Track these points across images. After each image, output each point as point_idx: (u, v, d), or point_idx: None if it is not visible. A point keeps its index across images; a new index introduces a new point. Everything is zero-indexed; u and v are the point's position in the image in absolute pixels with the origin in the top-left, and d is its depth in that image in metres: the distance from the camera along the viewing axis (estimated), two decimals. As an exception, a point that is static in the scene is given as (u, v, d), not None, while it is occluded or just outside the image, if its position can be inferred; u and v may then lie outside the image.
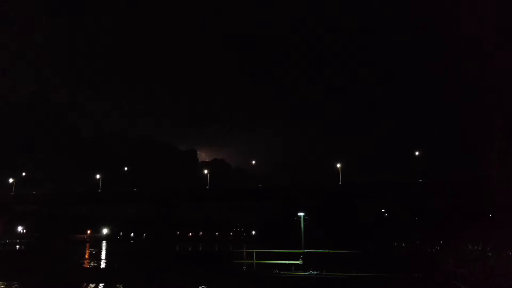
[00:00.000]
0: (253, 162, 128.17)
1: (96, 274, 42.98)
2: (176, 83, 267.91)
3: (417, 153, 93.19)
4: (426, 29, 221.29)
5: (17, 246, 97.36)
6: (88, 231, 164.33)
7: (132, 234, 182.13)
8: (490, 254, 31.02)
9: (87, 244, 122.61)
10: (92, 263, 56.64)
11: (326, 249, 38.65)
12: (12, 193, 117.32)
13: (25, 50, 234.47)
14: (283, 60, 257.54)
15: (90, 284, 37.82)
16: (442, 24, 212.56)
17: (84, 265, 52.98)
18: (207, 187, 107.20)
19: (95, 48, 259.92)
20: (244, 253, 42.91)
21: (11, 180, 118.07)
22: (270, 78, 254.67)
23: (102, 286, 37.56)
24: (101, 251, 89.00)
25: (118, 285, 37.55)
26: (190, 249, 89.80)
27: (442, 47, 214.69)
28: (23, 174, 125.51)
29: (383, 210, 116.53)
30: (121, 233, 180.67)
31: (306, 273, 34.59)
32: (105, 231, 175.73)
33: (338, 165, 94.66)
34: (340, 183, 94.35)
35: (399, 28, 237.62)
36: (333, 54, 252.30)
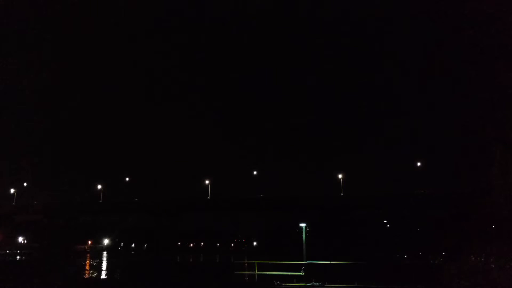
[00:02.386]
0: (255, 172, 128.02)
1: (97, 285, 42.82)
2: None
3: (418, 164, 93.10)
4: (426, 34, 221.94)
5: (18, 257, 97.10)
6: (89, 242, 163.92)
7: (133, 245, 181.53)
8: (493, 266, 30.88)
9: (88, 255, 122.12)
10: (92, 274, 56.42)
11: (328, 260, 38.54)
12: (13, 203, 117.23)
13: (27, 51, 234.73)
14: (283, 77, 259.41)
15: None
16: (443, 30, 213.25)
17: (84, 276, 52.77)
18: (208, 197, 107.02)
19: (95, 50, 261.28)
20: (246, 264, 42.76)
21: (12, 190, 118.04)
22: (266, 88, 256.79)
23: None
24: (102, 262, 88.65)
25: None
26: (191, 260, 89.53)
27: (443, 54, 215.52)
28: (25, 184, 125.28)
29: (385, 221, 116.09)
30: (122, 243, 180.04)
31: (308, 284, 34.42)
32: (106, 241, 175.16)
33: (340, 176, 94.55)
34: (341, 194, 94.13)
35: (398, 31, 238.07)
36: (332, 61, 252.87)
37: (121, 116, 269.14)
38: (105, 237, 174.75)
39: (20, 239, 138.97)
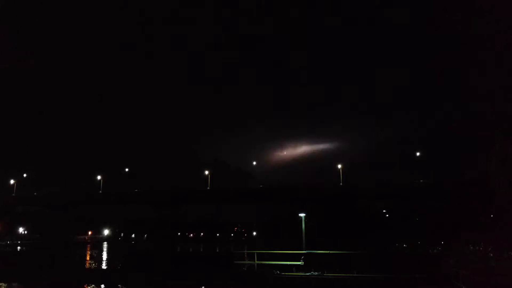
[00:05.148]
0: (254, 163, 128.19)
1: (97, 275, 43.03)
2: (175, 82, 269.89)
3: (418, 154, 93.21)
4: (426, 27, 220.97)
5: (18, 247, 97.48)
6: (89, 232, 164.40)
7: (133, 235, 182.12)
8: (491, 255, 31.08)
9: (88, 245, 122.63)
10: (93, 264, 56.72)
11: (327, 250, 38.70)
12: (14, 194, 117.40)
13: (27, 48, 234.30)
14: (283, 61, 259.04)
15: (91, 285, 37.86)
16: (441, 22, 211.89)
17: (85, 266, 53.05)
18: (208, 188, 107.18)
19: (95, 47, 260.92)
20: (245, 254, 42.89)
21: (12, 181, 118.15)
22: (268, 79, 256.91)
23: (103, 287, 37.63)
24: (102, 252, 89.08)
25: (119, 286, 37.58)
26: (191, 250, 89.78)
27: (442, 46, 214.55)
28: (24, 175, 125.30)
29: (384, 211, 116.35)
30: (122, 234, 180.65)
31: (307, 273, 34.59)
32: (106, 232, 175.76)
33: (339, 166, 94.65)
34: (341, 184, 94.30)
35: (397, 24, 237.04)
36: (332, 52, 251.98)
37: (121, 110, 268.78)
38: (105, 227, 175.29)
39: (21, 229, 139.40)
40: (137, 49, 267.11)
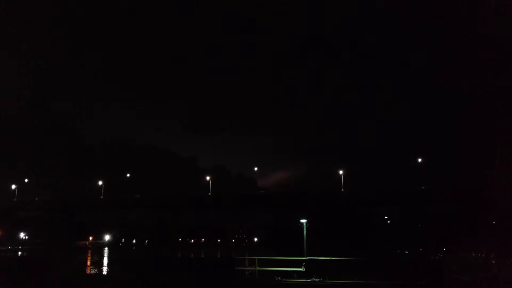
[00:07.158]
0: (256, 168, 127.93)
1: (97, 281, 42.93)
2: (176, 87, 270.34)
3: (419, 160, 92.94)
4: (425, 30, 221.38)
5: (19, 253, 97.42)
6: (90, 238, 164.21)
7: (134, 241, 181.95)
8: (493, 262, 30.96)
9: (89, 251, 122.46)
10: (93, 270, 56.58)
11: (328, 256, 38.57)
12: (14, 199, 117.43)
13: (25, 55, 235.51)
14: (283, 68, 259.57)
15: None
16: (441, 26, 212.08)
17: (85, 272, 52.92)
18: (209, 193, 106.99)
19: (95, 53, 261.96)
20: (246, 260, 42.79)
21: (13, 186, 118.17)
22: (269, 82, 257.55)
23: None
24: (103, 258, 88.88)
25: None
26: (192, 255, 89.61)
27: (443, 49, 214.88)
28: (26, 180, 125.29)
29: (385, 217, 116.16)
30: (123, 239, 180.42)
31: (309, 280, 34.47)
32: (107, 237, 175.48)
33: (341, 172, 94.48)
34: (342, 190, 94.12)
35: (398, 29, 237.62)
36: (332, 62, 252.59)
37: (120, 110, 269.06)
38: (106, 233, 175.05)
39: (22, 235, 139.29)
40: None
